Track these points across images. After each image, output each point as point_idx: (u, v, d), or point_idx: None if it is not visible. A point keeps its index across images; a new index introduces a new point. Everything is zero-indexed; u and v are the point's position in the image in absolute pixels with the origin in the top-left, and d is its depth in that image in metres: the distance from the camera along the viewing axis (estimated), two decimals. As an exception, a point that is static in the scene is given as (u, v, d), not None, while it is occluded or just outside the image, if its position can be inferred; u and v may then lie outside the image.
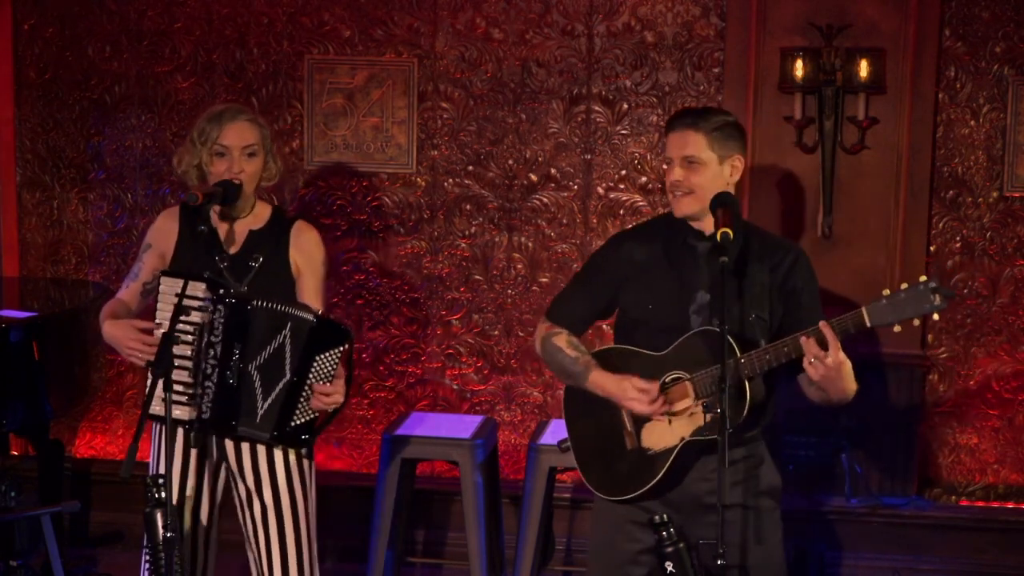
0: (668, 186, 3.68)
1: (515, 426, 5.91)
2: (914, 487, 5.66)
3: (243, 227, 4.01)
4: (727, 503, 3.32)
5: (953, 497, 5.74)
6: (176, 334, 3.73)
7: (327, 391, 3.80)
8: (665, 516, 3.44)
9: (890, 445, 5.62)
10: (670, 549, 3.41)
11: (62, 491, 5.44)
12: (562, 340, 3.79)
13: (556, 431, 5.31)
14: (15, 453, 5.98)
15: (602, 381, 3.69)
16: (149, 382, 3.69)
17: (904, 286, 3.41)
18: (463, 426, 5.35)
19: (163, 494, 3.58)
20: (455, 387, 5.94)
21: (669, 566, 3.40)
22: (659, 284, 3.69)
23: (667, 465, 3.60)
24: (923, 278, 3.41)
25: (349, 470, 5.95)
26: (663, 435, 3.61)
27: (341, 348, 3.81)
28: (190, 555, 3.98)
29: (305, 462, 4.03)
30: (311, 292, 3.99)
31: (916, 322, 3.42)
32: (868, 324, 3.41)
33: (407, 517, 5.43)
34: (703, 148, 3.63)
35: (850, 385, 3.53)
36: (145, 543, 3.61)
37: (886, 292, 3.42)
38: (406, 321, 5.93)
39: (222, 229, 4.00)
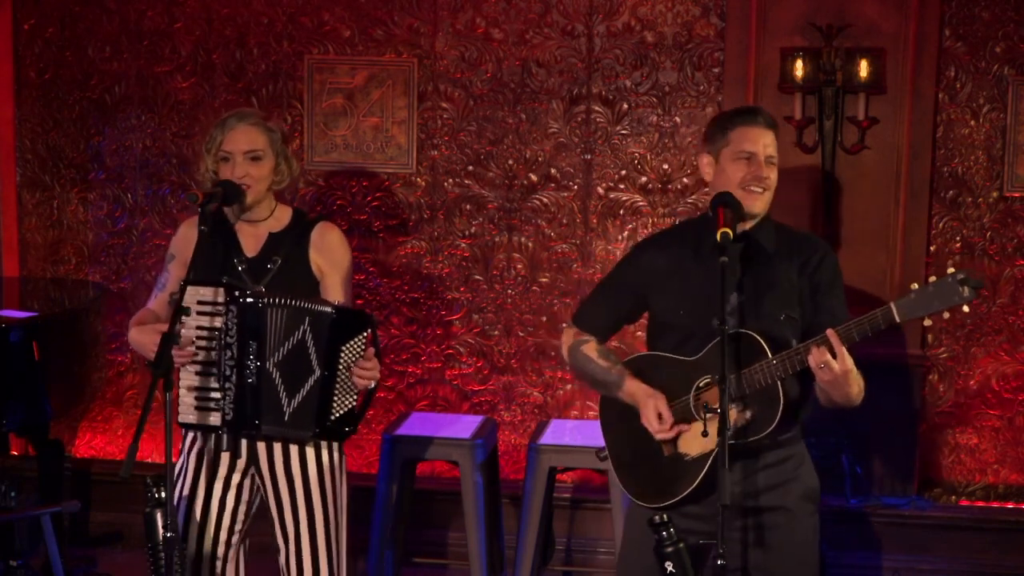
0: (747, 181, 3.61)
1: (515, 426, 5.91)
2: (914, 487, 5.66)
3: (263, 230, 4.03)
4: (727, 503, 3.30)
5: (953, 497, 5.74)
6: (195, 341, 3.76)
7: (367, 366, 3.83)
8: (664, 516, 3.43)
9: (890, 445, 5.62)
10: (670, 549, 3.41)
11: (62, 491, 5.44)
12: (592, 349, 3.78)
13: (556, 431, 5.32)
14: (15, 453, 5.98)
15: (635, 391, 3.67)
16: (151, 383, 3.69)
17: (932, 279, 3.39)
18: (463, 426, 5.35)
19: (163, 494, 3.59)
20: (455, 387, 5.94)
21: (669, 566, 3.40)
22: (690, 288, 3.66)
23: (704, 471, 3.57)
24: (951, 270, 3.38)
25: (349, 470, 5.92)
26: (699, 441, 3.58)
27: (365, 334, 3.84)
28: (223, 562, 4.00)
29: (336, 456, 4.05)
30: (335, 290, 4.00)
31: (946, 315, 3.41)
32: (898, 319, 3.40)
33: (407, 517, 5.43)
34: (777, 148, 3.66)
35: (854, 390, 3.51)
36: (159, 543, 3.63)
37: (914, 286, 3.41)
38: (406, 321, 5.93)
39: (242, 232, 4.02)
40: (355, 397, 3.89)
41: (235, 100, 5.82)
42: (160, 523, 3.60)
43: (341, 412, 3.88)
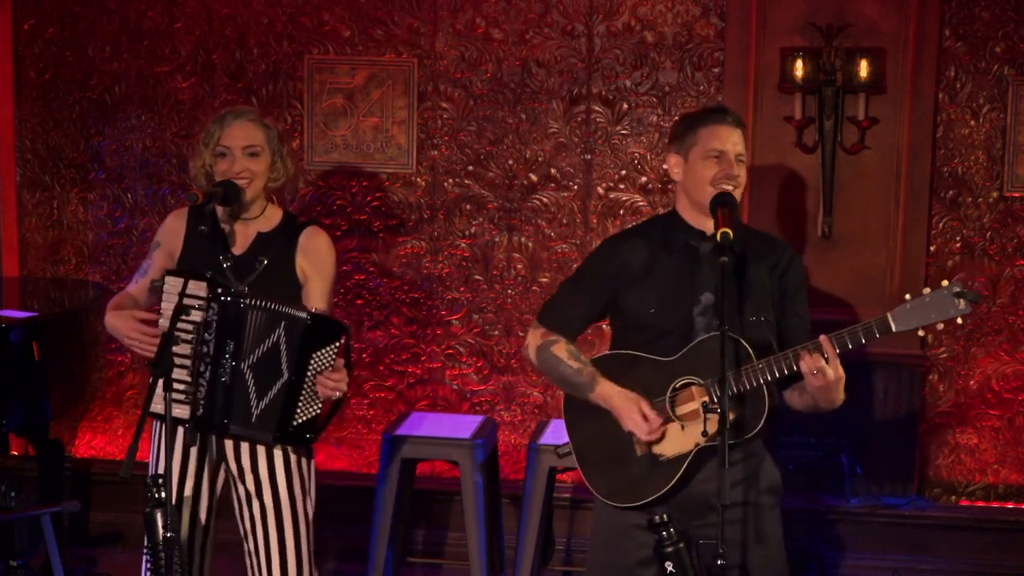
0: (718, 179, 3.62)
1: (515, 426, 5.91)
2: (914, 487, 5.66)
3: (252, 229, 4.02)
4: (727, 503, 3.30)
5: (953, 497, 5.74)
6: (176, 334, 3.75)
7: (334, 377, 3.80)
8: (665, 516, 3.42)
9: (890, 445, 5.62)
10: (670, 549, 3.41)
11: (62, 491, 5.44)
12: (561, 349, 3.74)
13: (556, 431, 5.31)
14: (15, 453, 5.98)
15: (609, 395, 3.64)
16: (151, 381, 3.70)
17: (927, 291, 3.40)
18: (463, 426, 5.35)
19: (163, 494, 3.59)
20: (455, 387, 5.94)
21: (669, 566, 3.40)
22: (661, 286, 3.65)
23: (681, 471, 3.57)
24: (945, 282, 3.39)
25: (349, 470, 5.95)
26: (676, 441, 3.58)
27: (337, 344, 3.82)
28: (187, 554, 3.98)
29: (304, 461, 4.03)
30: (316, 295, 3.98)
31: (940, 326, 3.41)
32: (894, 329, 3.41)
33: (407, 517, 5.43)
34: (745, 146, 3.68)
35: (840, 396, 3.54)
36: (145, 543, 3.62)
37: (908, 296, 3.41)
38: (406, 321, 5.93)
39: (231, 229, 4.01)
40: (319, 405, 3.86)
41: (235, 100, 5.81)
42: (160, 523, 3.60)
43: (304, 419, 3.84)
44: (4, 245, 6.09)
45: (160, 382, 3.68)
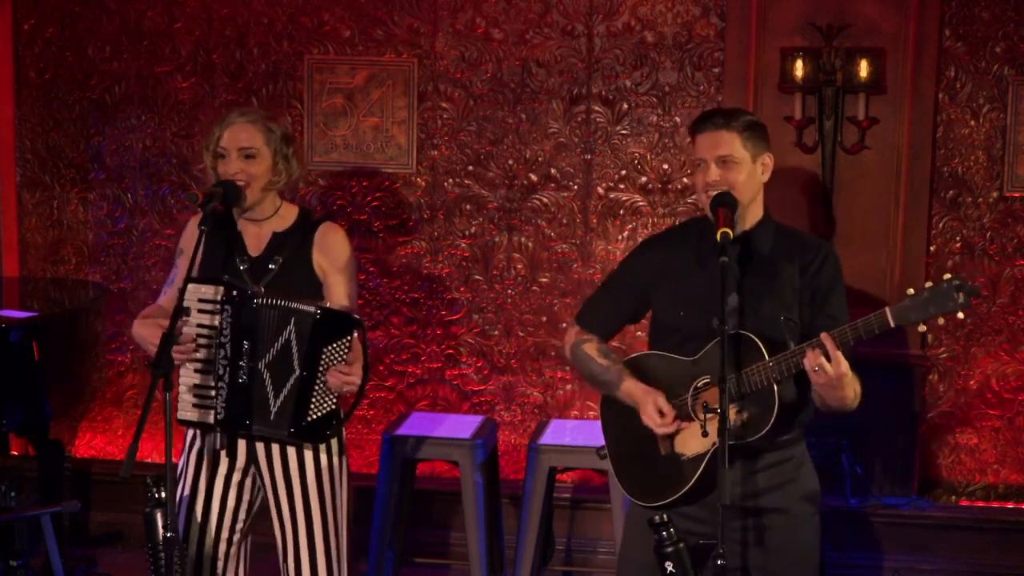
0: (702, 186, 3.65)
1: (515, 426, 5.91)
2: (914, 487, 5.66)
3: (267, 229, 4.02)
4: (727, 503, 3.30)
5: (953, 497, 5.74)
6: (187, 334, 3.77)
7: (346, 371, 3.80)
8: (664, 516, 3.43)
9: (890, 445, 5.62)
10: (670, 549, 3.41)
11: (62, 491, 5.44)
12: (592, 348, 3.80)
13: (556, 431, 5.32)
14: (15, 453, 5.98)
15: (632, 390, 3.68)
16: (152, 382, 3.70)
17: (928, 284, 3.40)
18: (463, 426, 5.35)
19: (163, 494, 3.59)
20: (455, 387, 5.94)
21: (669, 566, 3.40)
22: (689, 290, 3.68)
23: (700, 470, 3.58)
24: (947, 276, 3.39)
25: (349, 470, 5.94)
26: (696, 440, 3.59)
27: (349, 337, 3.82)
28: (224, 559, 4.01)
29: (336, 459, 4.04)
30: (338, 292, 3.98)
31: (941, 320, 3.41)
32: (892, 324, 3.40)
33: (407, 517, 5.43)
34: (737, 147, 3.64)
35: (848, 394, 3.51)
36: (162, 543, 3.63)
37: (910, 291, 3.42)
38: (406, 321, 5.93)
39: (245, 231, 4.02)
40: (335, 400, 3.86)
41: (235, 100, 5.81)
42: (160, 523, 3.60)
43: (319, 414, 3.84)
44: (4, 245, 6.10)
45: (181, 388, 3.70)
